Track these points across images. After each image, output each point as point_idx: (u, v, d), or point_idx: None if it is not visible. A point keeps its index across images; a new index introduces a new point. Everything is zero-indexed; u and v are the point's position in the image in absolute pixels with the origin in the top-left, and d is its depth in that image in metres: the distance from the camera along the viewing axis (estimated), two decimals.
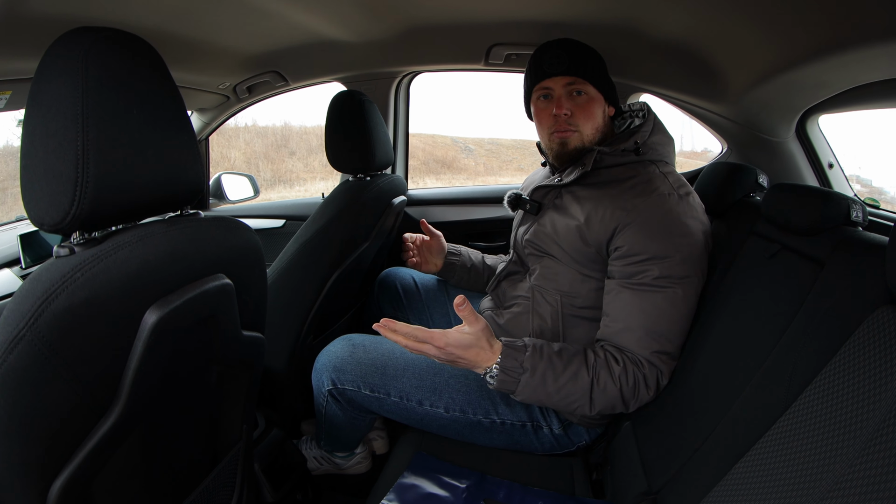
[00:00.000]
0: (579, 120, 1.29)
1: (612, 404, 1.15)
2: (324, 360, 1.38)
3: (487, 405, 1.29)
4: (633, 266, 1.16)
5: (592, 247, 1.23)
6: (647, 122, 1.33)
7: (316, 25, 1.59)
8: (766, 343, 0.95)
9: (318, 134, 11.91)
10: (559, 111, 1.29)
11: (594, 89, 1.30)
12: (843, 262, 0.89)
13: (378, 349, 1.35)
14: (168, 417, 0.84)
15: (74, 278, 0.60)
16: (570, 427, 1.31)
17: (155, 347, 0.68)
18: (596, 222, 1.22)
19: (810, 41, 1.14)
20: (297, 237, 1.55)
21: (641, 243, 1.16)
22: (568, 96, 1.29)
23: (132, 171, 0.67)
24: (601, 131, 1.33)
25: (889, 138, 1.61)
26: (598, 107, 1.31)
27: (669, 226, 1.16)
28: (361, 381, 1.31)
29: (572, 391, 1.12)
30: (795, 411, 0.78)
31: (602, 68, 1.32)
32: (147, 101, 0.70)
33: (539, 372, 1.12)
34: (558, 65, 1.28)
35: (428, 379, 1.30)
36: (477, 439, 1.33)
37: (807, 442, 0.73)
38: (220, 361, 0.91)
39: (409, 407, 1.30)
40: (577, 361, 1.13)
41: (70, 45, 0.64)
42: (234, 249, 0.85)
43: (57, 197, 0.62)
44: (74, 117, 0.62)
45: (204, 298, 0.76)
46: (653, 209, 1.17)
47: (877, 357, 0.70)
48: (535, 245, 1.36)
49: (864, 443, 0.65)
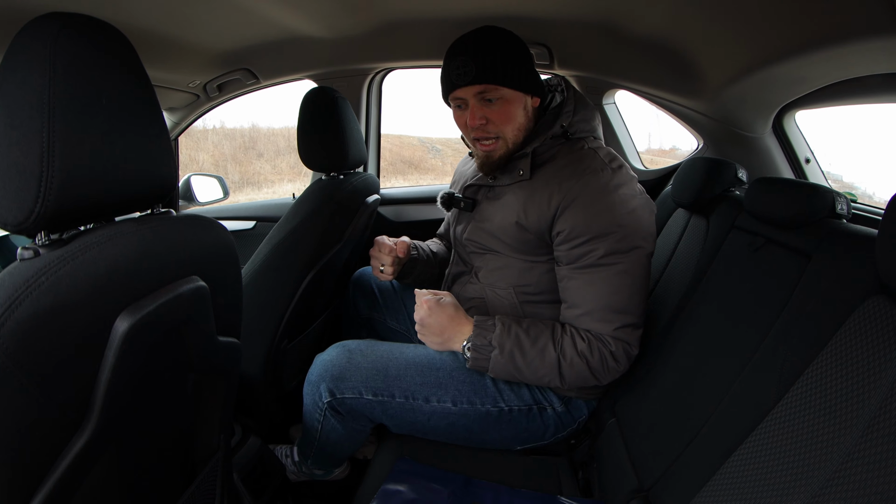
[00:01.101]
0: (498, 126, 1.23)
1: (582, 378, 1.17)
2: (320, 370, 1.30)
3: (494, 392, 1.28)
4: (578, 248, 1.16)
5: (533, 234, 1.22)
6: (569, 100, 1.29)
7: (289, 21, 1.55)
8: (754, 336, 0.95)
9: (285, 135, 11.81)
10: (473, 122, 1.22)
11: (509, 90, 1.20)
12: (830, 254, 0.89)
13: (375, 352, 1.31)
14: (144, 430, 0.79)
15: (39, 283, 0.55)
16: (570, 402, 1.31)
17: (127, 356, 0.64)
18: (533, 211, 1.20)
19: (787, 38, 1.15)
20: (269, 238, 1.51)
21: (582, 224, 1.14)
22: (481, 104, 1.21)
23: (101, 166, 0.63)
24: (525, 128, 1.26)
25: (859, 134, 1.64)
26: (515, 107, 1.23)
27: (607, 202, 1.14)
28: (363, 386, 1.26)
29: (540, 366, 1.16)
30: (788, 403, 0.78)
31: (517, 63, 1.20)
32: (117, 91, 0.65)
33: (507, 349, 1.17)
34: (465, 75, 1.18)
35: (431, 375, 1.27)
36: (486, 434, 1.30)
37: (801, 433, 0.73)
38: (195, 369, 0.86)
39: (416, 406, 1.26)
40: (545, 338, 1.17)
41: (37, 32, 0.59)
42: (209, 249, 0.81)
43: (20, 194, 0.58)
44: (40, 107, 0.58)
45: (178, 303, 0.71)
46: (588, 188, 1.15)
47: (870, 345, 0.70)
48: (475, 242, 1.35)
49: (860, 432, 0.65)
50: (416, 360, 1.30)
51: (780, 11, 1.08)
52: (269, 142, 11.70)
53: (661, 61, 1.55)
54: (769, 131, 1.60)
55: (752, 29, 1.20)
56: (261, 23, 1.55)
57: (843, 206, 1.01)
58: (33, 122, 0.57)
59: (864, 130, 1.68)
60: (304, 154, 1.58)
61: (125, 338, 0.62)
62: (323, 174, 1.65)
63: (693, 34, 1.36)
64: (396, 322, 1.74)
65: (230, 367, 0.96)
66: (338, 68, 2.01)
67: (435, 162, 12.55)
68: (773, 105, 1.49)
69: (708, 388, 1.00)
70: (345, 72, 2.04)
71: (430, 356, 1.31)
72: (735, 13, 1.17)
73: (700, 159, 1.57)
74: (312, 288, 1.55)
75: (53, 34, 0.59)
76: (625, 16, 1.38)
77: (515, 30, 1.26)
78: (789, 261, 0.99)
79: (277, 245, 1.47)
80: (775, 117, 1.54)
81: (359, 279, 1.82)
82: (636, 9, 1.33)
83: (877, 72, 1.13)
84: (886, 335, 0.68)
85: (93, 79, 0.62)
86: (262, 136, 11.82)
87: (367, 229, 1.87)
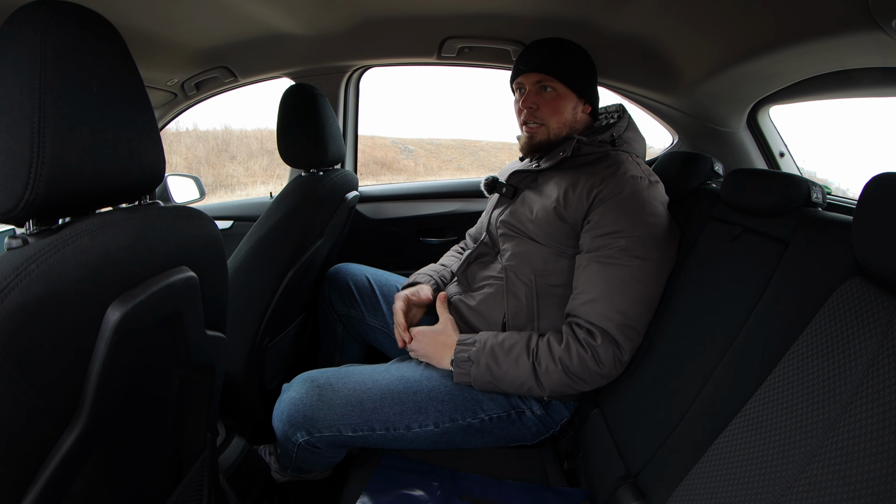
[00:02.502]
0: (545, 114, 1.37)
1: (562, 384, 1.19)
2: (289, 410, 1.26)
3: (473, 405, 1.28)
4: (601, 239, 1.22)
5: (569, 223, 1.28)
6: (623, 120, 1.41)
7: (269, 17, 1.55)
8: (735, 321, 0.98)
9: (258, 137, 11.70)
10: (524, 105, 1.38)
11: (563, 86, 1.36)
12: (807, 240, 0.92)
13: (347, 384, 1.28)
14: (132, 430, 0.77)
15: (29, 271, 0.54)
16: (549, 406, 1.32)
17: (119, 348, 0.63)
18: (573, 199, 1.27)
19: (760, 35, 1.19)
20: (250, 235, 1.49)
21: (611, 217, 1.22)
22: (536, 92, 1.38)
23: (91, 154, 0.62)
24: (569, 126, 1.40)
25: (833, 132, 1.69)
26: (566, 103, 1.37)
27: (639, 205, 1.22)
28: (340, 423, 1.24)
29: (517, 376, 1.20)
30: (771, 385, 0.80)
31: (576, 67, 1.37)
32: (107, 80, 0.65)
33: (483, 363, 1.22)
34: (529, 62, 1.36)
35: (409, 401, 1.26)
36: (469, 443, 1.31)
37: (785, 413, 0.75)
38: (183, 364, 0.85)
39: (398, 435, 1.26)
40: (518, 348, 1.22)
41: (27, 18, 0.59)
42: (197, 240, 0.80)
43: (9, 180, 0.57)
44: (31, 92, 0.57)
45: (169, 293, 0.70)
46: (625, 188, 1.23)
47: (849, 325, 0.72)
48: (510, 225, 1.38)
49: (842, 407, 0.67)
50: (392, 386, 1.28)
51: (753, 8, 1.11)
52: (241, 144, 11.60)
53: (636, 58, 1.59)
54: (744, 126, 1.65)
55: (726, 26, 1.24)
56: (241, 19, 1.54)
57: (819, 194, 1.04)
58: (24, 107, 0.57)
59: (838, 127, 1.73)
60: (284, 151, 1.57)
61: (117, 328, 0.61)
62: (302, 171, 1.64)
63: (666, 33, 1.41)
64: (375, 318, 1.72)
65: (217, 362, 0.95)
66: (316, 66, 2.00)
67: (407, 163, 12.56)
68: (747, 100, 1.53)
69: (691, 374, 1.02)
70: (322, 69, 2.03)
71: (406, 379, 1.30)
72: (709, 11, 1.20)
73: (678, 153, 1.61)
74: (293, 284, 1.54)
75: (44, 21, 0.59)
76: (600, 15, 1.42)
77: (496, 28, 1.32)
78: (767, 248, 1.01)
79: (259, 241, 1.46)
80: (750, 112, 1.59)
81: (334, 276, 1.79)
82: (611, 8, 1.37)
83: (849, 67, 1.17)
84: (864, 314, 0.71)
85: (83, 67, 0.62)
86: (235, 138, 11.71)
87: (345, 226, 1.87)
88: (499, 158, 12.82)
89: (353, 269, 1.79)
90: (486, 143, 13.83)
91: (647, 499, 0.97)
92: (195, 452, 0.99)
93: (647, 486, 0.99)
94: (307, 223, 1.52)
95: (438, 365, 1.31)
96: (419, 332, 1.34)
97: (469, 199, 2.32)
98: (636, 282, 1.19)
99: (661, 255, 1.22)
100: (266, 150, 11.46)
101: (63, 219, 0.65)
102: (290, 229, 1.48)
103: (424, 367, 1.34)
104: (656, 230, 1.22)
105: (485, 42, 1.72)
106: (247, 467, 1.42)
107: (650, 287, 1.21)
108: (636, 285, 1.19)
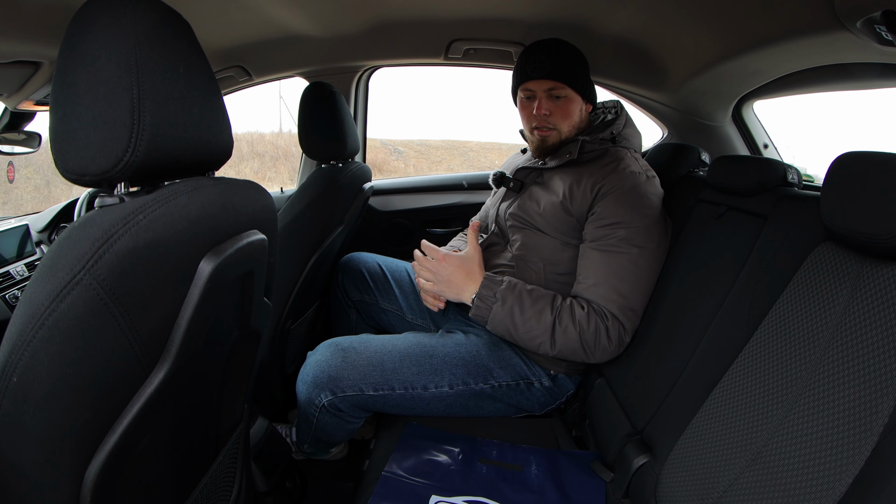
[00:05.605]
0: (557, 119, 1.45)
1: (572, 347, 1.27)
2: (315, 371, 1.34)
3: (485, 372, 1.37)
4: (603, 229, 1.32)
5: (575, 217, 1.37)
6: (620, 117, 1.50)
7: (288, 20, 1.63)
8: (723, 286, 1.09)
9: (248, 141, 11.56)
10: (539, 112, 1.44)
11: (573, 91, 1.44)
12: (784, 213, 1.04)
13: (368, 347, 1.37)
14: (193, 386, 0.81)
15: (137, 220, 0.58)
16: (556, 378, 1.42)
17: (209, 297, 0.68)
18: (578, 195, 1.37)
19: (741, 36, 1.31)
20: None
21: (613, 209, 1.32)
22: (548, 98, 1.44)
23: (181, 127, 0.67)
24: (577, 127, 1.49)
25: (821, 130, 1.81)
26: (575, 106, 1.46)
27: (638, 198, 1.33)
28: (363, 382, 1.33)
29: (535, 326, 1.27)
30: (757, 339, 0.92)
31: (583, 70, 1.45)
32: (189, 61, 0.69)
33: (508, 303, 1.28)
34: (540, 69, 1.41)
35: (426, 363, 1.36)
36: (481, 409, 1.40)
37: (771, 362, 0.86)
38: (242, 326, 0.90)
39: (416, 395, 1.35)
40: (544, 301, 1.29)
41: (112, 1, 0.62)
42: (266, 210, 0.86)
43: (109, 143, 0.60)
44: (128, 67, 0.60)
45: (248, 251, 0.76)
46: (626, 183, 1.34)
47: (822, 283, 0.84)
48: (519, 218, 1.47)
49: (821, 353, 0.78)
50: (410, 350, 1.38)
51: (733, 12, 1.23)
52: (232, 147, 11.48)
53: (628, 57, 1.70)
54: (729, 120, 1.76)
55: (709, 28, 1.36)
56: (260, 21, 1.62)
57: (794, 176, 1.16)
58: (121, 80, 0.60)
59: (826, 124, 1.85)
60: (306, 144, 1.66)
61: (210, 277, 0.67)
62: (322, 163, 1.74)
63: (656, 33, 1.52)
64: (388, 303, 1.79)
65: (264, 328, 1.00)
66: (329, 66, 2.08)
67: (397, 164, 12.47)
68: (731, 96, 1.65)
69: (687, 335, 1.13)
70: (335, 69, 2.11)
71: (422, 344, 1.40)
72: (695, 14, 1.32)
73: (668, 145, 1.72)
74: (315, 269, 1.61)
75: (131, 4, 0.62)
76: (595, 17, 1.53)
77: (499, 30, 1.40)
78: (749, 223, 1.13)
79: (286, 227, 1.53)
80: (735, 107, 1.70)
81: (347, 264, 1.86)
82: (606, 10, 1.48)
83: (822, 63, 1.29)
84: (836, 271, 0.82)
85: (171, 50, 0.66)
86: None
87: (359, 216, 1.94)
88: (488, 159, 12.80)
89: (366, 258, 1.87)
90: (475, 144, 13.79)
91: (654, 451, 1.06)
92: (233, 423, 1.03)
93: (652, 439, 1.08)
94: (330, 210, 1.61)
95: (455, 296, 1.36)
96: (446, 255, 1.37)
97: (472, 191, 2.41)
98: (635, 267, 1.29)
99: (656, 244, 1.33)
100: (256, 153, 11.32)
101: (153, 182, 0.69)
102: (315, 215, 1.56)
103: (440, 335, 1.44)
104: (653, 221, 1.33)
105: (489, 44, 1.82)
106: (269, 447, 1.45)
107: (647, 272, 1.32)
108: (635, 270, 1.30)
